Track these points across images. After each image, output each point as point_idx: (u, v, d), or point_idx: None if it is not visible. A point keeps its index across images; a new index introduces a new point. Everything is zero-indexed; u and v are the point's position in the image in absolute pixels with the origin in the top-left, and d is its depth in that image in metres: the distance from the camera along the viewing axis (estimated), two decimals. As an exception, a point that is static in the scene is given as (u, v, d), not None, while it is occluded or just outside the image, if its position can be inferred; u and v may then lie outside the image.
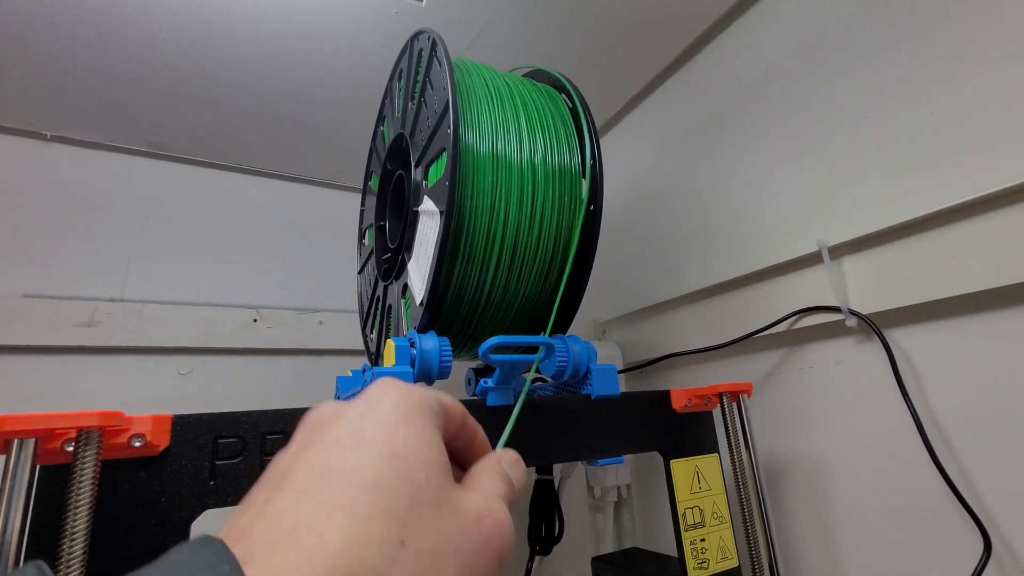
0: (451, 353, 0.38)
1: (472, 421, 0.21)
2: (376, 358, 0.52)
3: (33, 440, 0.23)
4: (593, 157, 0.43)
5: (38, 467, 0.25)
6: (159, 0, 0.54)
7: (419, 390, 0.19)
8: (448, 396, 0.20)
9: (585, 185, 0.43)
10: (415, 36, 0.47)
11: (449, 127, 0.37)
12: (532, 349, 0.39)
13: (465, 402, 0.37)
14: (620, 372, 0.70)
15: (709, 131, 0.65)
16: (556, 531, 0.71)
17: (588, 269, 0.44)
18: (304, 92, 0.68)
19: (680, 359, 0.66)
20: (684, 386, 0.68)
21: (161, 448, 0.28)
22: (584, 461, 0.68)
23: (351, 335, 0.81)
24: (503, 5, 0.59)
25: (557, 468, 0.73)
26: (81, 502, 0.23)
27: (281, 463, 0.16)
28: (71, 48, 0.58)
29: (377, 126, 0.58)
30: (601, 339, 0.79)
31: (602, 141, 0.87)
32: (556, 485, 0.74)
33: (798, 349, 0.53)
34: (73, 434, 0.24)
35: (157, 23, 0.56)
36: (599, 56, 0.69)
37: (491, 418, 0.38)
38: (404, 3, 0.57)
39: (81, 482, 0.24)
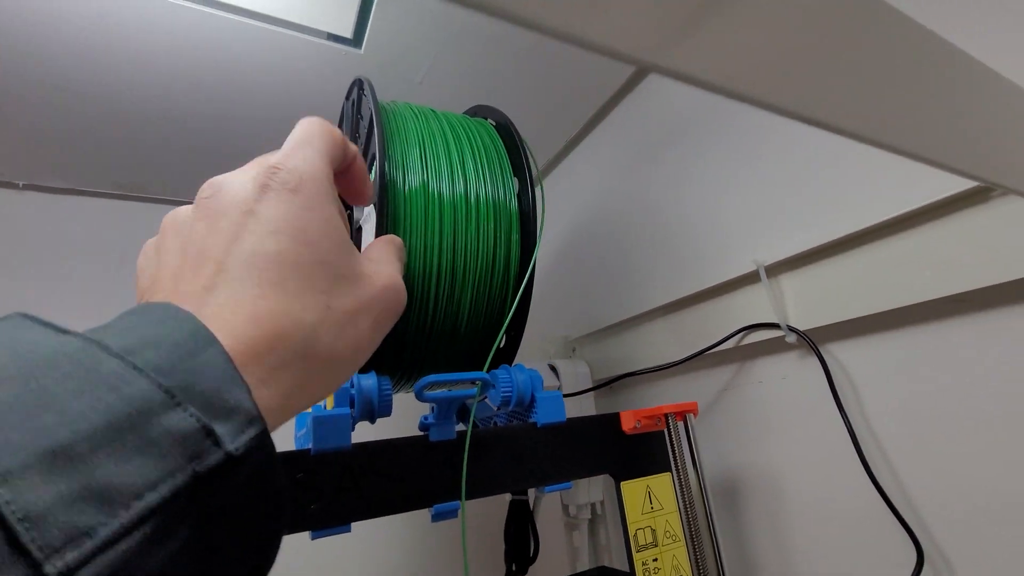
0: (391, 390, 0.39)
1: (359, 165, 0.26)
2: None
3: None
4: (526, 179, 0.45)
5: None
6: (114, 58, 0.56)
7: (314, 170, 0.21)
8: (328, 128, 0.24)
9: (515, 211, 0.45)
10: (350, 87, 0.49)
11: (375, 142, 0.39)
12: (469, 384, 0.40)
13: (413, 438, 0.39)
14: (586, 392, 0.71)
15: (658, 154, 0.67)
16: (532, 551, 0.72)
17: (528, 299, 0.45)
18: (264, 132, 0.71)
19: (646, 375, 0.67)
20: (652, 402, 0.69)
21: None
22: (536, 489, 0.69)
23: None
24: (445, 47, 0.61)
25: (532, 489, 0.74)
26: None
27: (177, 247, 0.20)
28: (33, 104, 0.60)
29: None
30: (571, 357, 0.80)
31: (560, 166, 0.90)
32: (531, 505, 0.74)
33: (749, 364, 0.55)
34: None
35: (114, 77, 0.58)
36: (546, 90, 0.71)
37: (433, 452, 0.39)
38: (347, 52, 0.60)
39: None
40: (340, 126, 0.54)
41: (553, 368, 0.74)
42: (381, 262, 0.24)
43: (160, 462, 0.12)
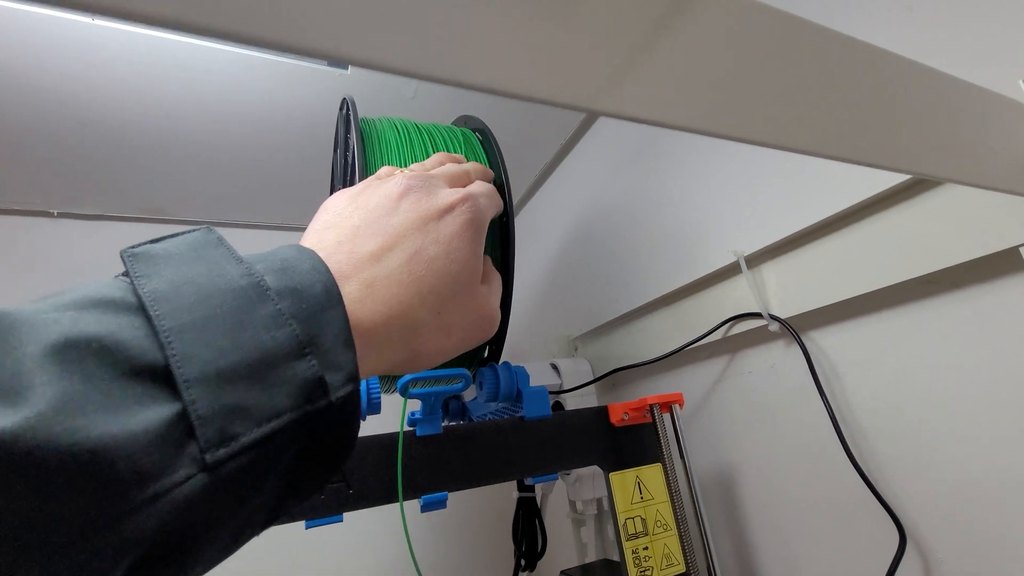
0: (379, 390, 0.41)
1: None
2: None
3: None
4: (502, 185, 0.47)
5: None
6: (131, 94, 0.60)
7: (485, 216, 0.27)
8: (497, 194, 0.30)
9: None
10: (340, 106, 0.52)
11: (355, 158, 0.41)
12: (453, 379, 0.42)
13: (398, 433, 0.41)
14: (585, 386, 0.72)
15: (647, 154, 0.68)
16: (540, 546, 0.73)
17: (509, 298, 0.47)
18: (269, 153, 0.75)
19: (643, 369, 0.68)
20: (649, 395, 0.70)
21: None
22: (559, 476, 0.70)
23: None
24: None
25: (538, 485, 0.76)
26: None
27: (361, 216, 0.24)
28: (60, 138, 0.65)
29: (331, 193, 0.64)
30: (574, 355, 0.82)
31: (556, 171, 0.91)
32: (539, 502, 0.76)
33: (739, 355, 0.55)
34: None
35: (131, 112, 0.63)
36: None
37: (420, 446, 0.42)
38: (341, 75, 0.63)
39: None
40: (336, 138, 0.57)
41: (555, 367, 0.75)
42: (490, 294, 0.28)
43: (286, 398, 0.16)
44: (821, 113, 0.21)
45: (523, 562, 0.72)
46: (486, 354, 0.48)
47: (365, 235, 0.22)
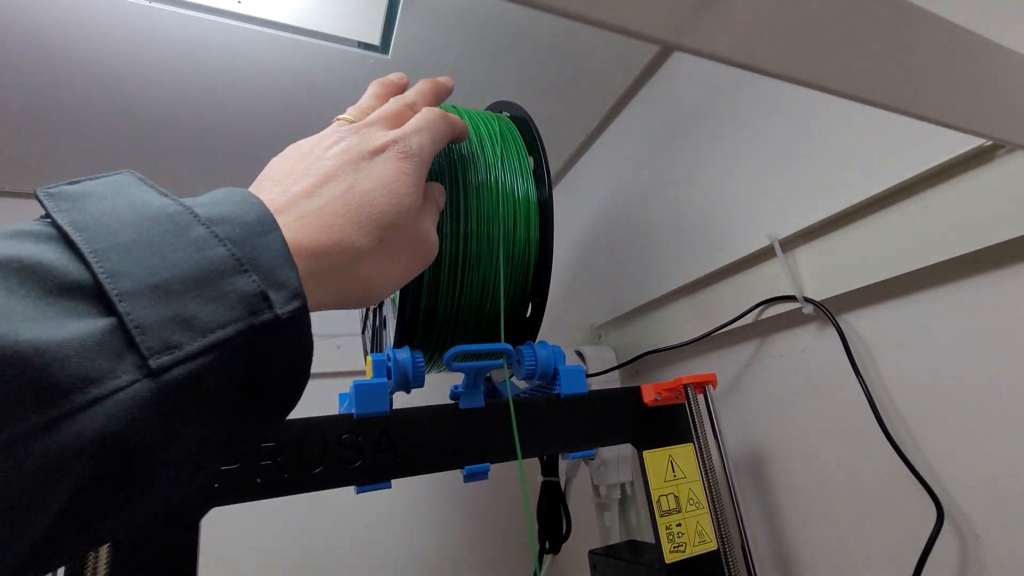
0: (423, 363, 0.42)
1: (460, 125, 0.34)
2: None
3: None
4: (542, 169, 0.48)
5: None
6: (163, 76, 0.62)
7: (422, 152, 0.28)
8: (446, 121, 0.31)
9: (534, 198, 0.48)
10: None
11: None
12: (495, 355, 0.43)
13: (444, 406, 0.42)
14: (610, 371, 0.73)
15: (675, 141, 0.69)
16: (564, 529, 0.74)
17: (547, 279, 0.48)
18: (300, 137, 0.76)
19: (670, 355, 0.69)
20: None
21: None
22: (583, 461, 0.71)
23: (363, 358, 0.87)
24: (468, 46, 0.64)
25: (562, 469, 0.77)
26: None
27: (294, 160, 0.25)
28: (100, 125, 0.67)
29: None
30: (597, 343, 0.83)
31: (581, 160, 0.92)
32: (563, 486, 0.77)
33: (770, 339, 0.56)
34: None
35: (164, 95, 0.65)
36: (567, 83, 0.74)
37: (463, 420, 0.43)
38: (375, 57, 0.64)
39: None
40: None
41: (580, 354, 0.76)
42: (426, 218, 0.29)
43: (229, 311, 0.16)
44: (904, 70, 0.22)
45: (547, 544, 0.73)
46: (522, 332, 0.50)
47: (297, 176, 0.24)
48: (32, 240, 0.15)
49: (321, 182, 0.23)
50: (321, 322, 0.91)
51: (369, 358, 0.42)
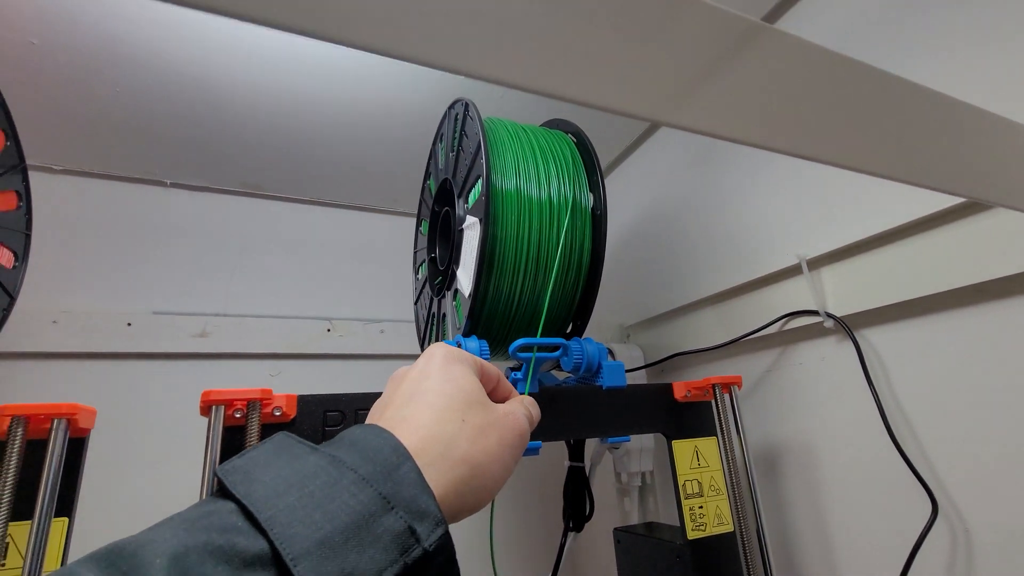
0: (489, 352, 0.49)
1: (506, 383, 0.34)
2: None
3: (222, 407, 0.36)
4: (598, 186, 0.54)
5: (222, 428, 0.38)
6: (252, 81, 0.69)
7: (459, 349, 0.31)
8: (489, 364, 0.32)
9: (589, 206, 0.54)
10: (451, 105, 0.59)
11: (482, 157, 0.49)
12: (552, 348, 0.50)
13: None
14: (639, 369, 0.79)
15: (713, 156, 0.74)
16: (588, 511, 0.81)
17: (597, 283, 0.54)
18: (367, 141, 0.83)
19: (694, 357, 0.75)
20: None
21: (291, 417, 0.40)
22: (608, 449, 0.77)
23: (407, 342, 0.94)
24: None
25: (588, 456, 0.83)
26: (250, 447, 0.36)
27: (388, 395, 0.29)
28: (180, 115, 0.74)
29: (424, 182, 0.71)
30: (626, 342, 0.89)
31: (620, 168, 0.98)
32: (587, 471, 0.83)
33: (791, 348, 0.61)
34: (243, 404, 0.37)
35: (248, 97, 0.71)
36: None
37: (520, 402, 0.49)
38: (441, 74, 0.70)
39: (249, 437, 0.36)
40: (439, 132, 0.65)
41: (610, 351, 0.83)
42: (510, 404, 0.31)
43: (384, 554, 0.18)
44: (880, 140, 0.27)
45: (571, 523, 0.79)
46: (569, 329, 0.56)
47: (397, 401, 0.27)
48: (217, 517, 0.18)
49: (407, 399, 0.27)
50: (367, 309, 0.97)
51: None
